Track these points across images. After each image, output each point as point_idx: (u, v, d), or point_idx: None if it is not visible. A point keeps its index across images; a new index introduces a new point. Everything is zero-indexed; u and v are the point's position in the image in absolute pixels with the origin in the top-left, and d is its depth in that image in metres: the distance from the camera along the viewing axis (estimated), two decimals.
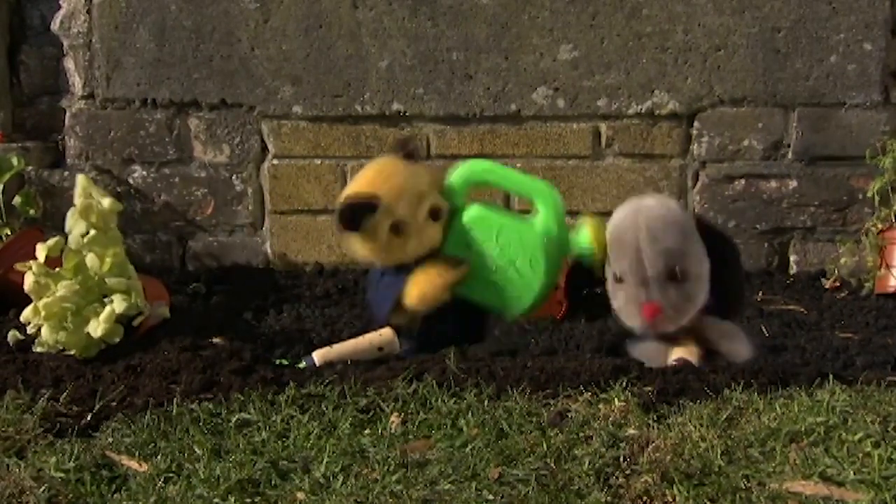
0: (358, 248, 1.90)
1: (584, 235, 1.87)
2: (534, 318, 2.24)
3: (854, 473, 1.30)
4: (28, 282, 1.86)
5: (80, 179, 1.93)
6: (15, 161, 2.53)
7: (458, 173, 1.96)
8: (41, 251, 1.90)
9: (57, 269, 1.89)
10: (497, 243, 1.88)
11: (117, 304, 1.84)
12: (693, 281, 1.77)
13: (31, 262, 1.89)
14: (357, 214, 1.84)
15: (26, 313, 1.86)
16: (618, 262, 1.79)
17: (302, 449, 1.46)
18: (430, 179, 1.92)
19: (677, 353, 1.79)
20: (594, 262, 1.86)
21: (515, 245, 1.87)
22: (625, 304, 1.80)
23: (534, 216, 1.92)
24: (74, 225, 1.89)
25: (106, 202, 1.89)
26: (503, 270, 1.88)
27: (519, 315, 1.95)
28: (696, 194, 2.67)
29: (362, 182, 1.91)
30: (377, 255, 1.89)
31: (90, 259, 1.87)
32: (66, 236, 1.96)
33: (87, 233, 1.88)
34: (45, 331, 1.84)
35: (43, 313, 1.83)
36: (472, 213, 1.91)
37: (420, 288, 1.85)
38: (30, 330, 1.88)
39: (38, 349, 1.88)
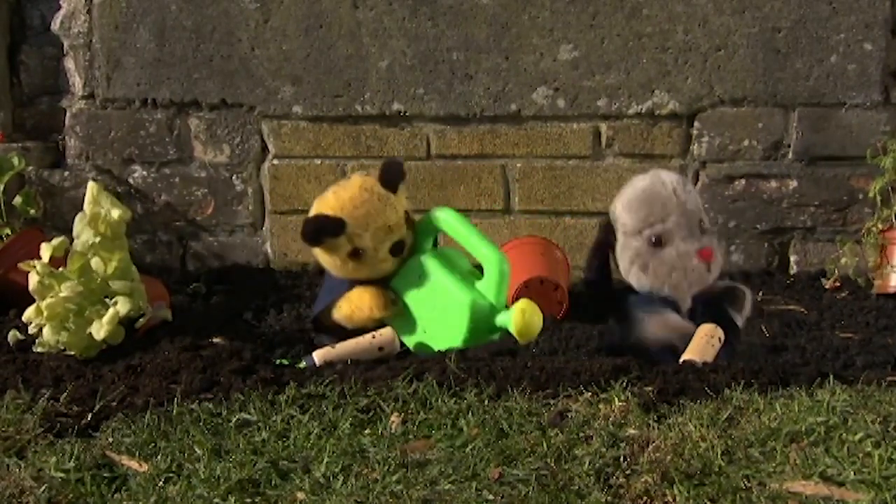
0: (317, 255, 1.98)
1: (514, 319, 1.84)
2: None
3: (854, 473, 1.30)
4: (32, 281, 1.86)
5: (91, 187, 1.92)
6: (16, 161, 2.53)
7: (424, 217, 2.01)
8: (45, 251, 1.90)
9: (60, 269, 1.89)
10: (429, 298, 1.93)
11: (121, 306, 1.84)
12: (715, 234, 1.87)
13: (35, 262, 1.88)
14: (320, 234, 1.92)
15: (29, 313, 1.86)
16: (657, 224, 1.82)
17: (302, 449, 1.46)
18: (401, 213, 1.96)
19: (702, 335, 1.83)
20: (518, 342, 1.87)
21: (442, 307, 1.91)
22: (675, 259, 1.81)
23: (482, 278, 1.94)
24: (82, 231, 1.89)
25: (115, 213, 1.89)
26: (427, 323, 1.93)
27: None
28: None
29: (334, 203, 1.95)
30: (331, 268, 1.98)
31: (95, 262, 1.86)
32: (67, 236, 1.96)
33: (94, 241, 1.88)
34: (46, 331, 1.84)
35: (45, 313, 1.83)
36: (423, 260, 1.95)
37: (350, 308, 1.94)
38: (31, 330, 1.88)
39: (39, 349, 1.88)
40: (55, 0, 2.77)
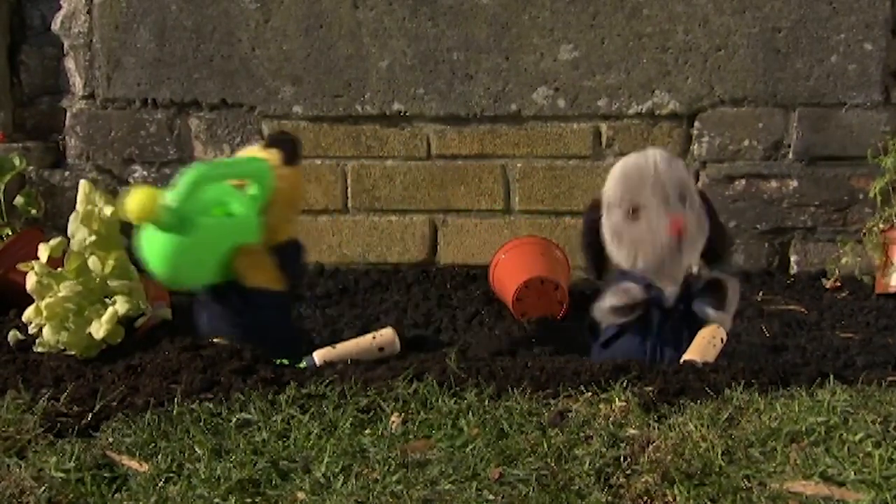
0: None
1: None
2: (533, 318, 2.26)
3: (855, 473, 1.30)
4: (30, 282, 1.86)
5: (83, 185, 1.91)
6: (17, 161, 2.53)
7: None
8: (43, 251, 1.90)
9: (59, 269, 1.89)
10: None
11: (120, 306, 1.84)
12: (697, 212, 1.82)
13: (33, 262, 1.88)
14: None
15: (28, 313, 1.86)
16: (636, 195, 1.81)
17: (302, 449, 1.46)
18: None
19: (703, 335, 1.82)
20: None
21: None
22: (646, 231, 1.80)
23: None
24: (76, 231, 1.88)
25: (108, 210, 1.88)
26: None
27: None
28: None
29: None
30: None
31: (92, 262, 1.86)
32: (67, 237, 1.96)
33: (89, 239, 1.88)
34: (46, 331, 1.84)
35: (45, 313, 1.83)
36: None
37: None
38: (31, 330, 1.88)
39: (39, 349, 1.88)
40: (55, 0, 2.77)
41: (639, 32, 2.62)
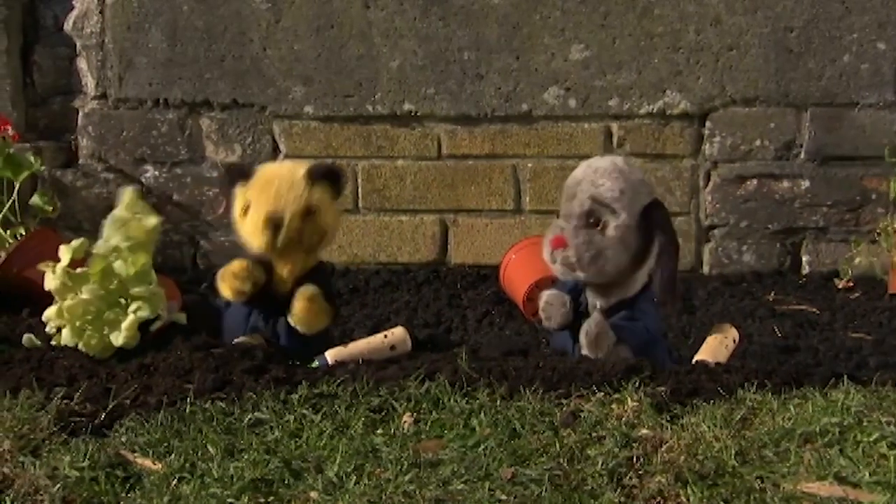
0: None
1: None
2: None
3: (869, 475, 1.29)
4: (52, 282, 1.86)
5: (129, 193, 1.91)
6: (32, 161, 2.54)
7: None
8: (65, 253, 1.90)
9: (79, 270, 1.89)
10: None
11: (141, 312, 1.84)
12: (609, 239, 1.75)
13: (53, 263, 1.89)
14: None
15: (49, 313, 1.87)
16: (562, 207, 1.80)
17: (315, 448, 1.46)
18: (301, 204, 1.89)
19: (715, 335, 1.80)
20: None
21: None
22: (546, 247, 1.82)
23: None
24: (111, 235, 1.88)
25: (150, 221, 1.88)
26: None
27: None
28: (708, 194, 2.66)
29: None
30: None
31: (119, 265, 1.86)
32: (79, 236, 1.96)
33: (123, 245, 1.88)
34: (66, 332, 1.85)
35: (67, 316, 1.83)
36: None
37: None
38: (49, 330, 1.89)
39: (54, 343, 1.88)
40: (68, 1, 2.79)
41: (650, 32, 2.61)
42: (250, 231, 1.88)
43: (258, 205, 1.86)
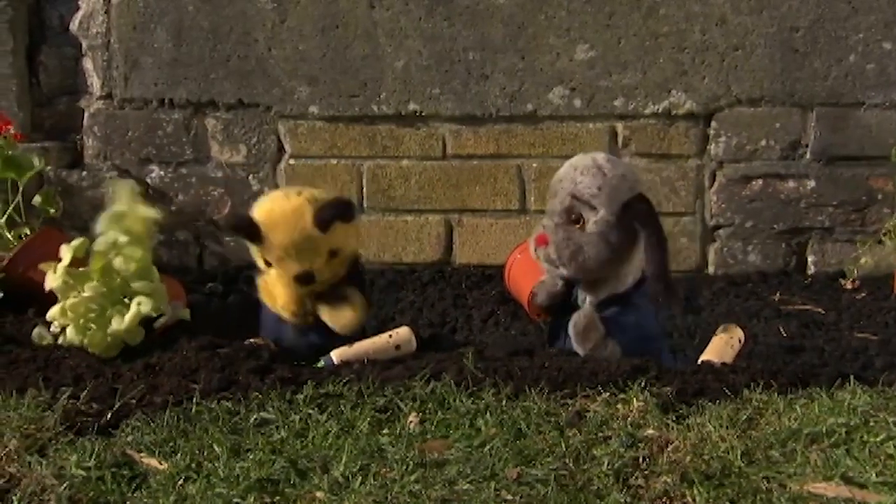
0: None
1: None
2: (549, 318, 2.25)
3: (876, 475, 1.29)
4: (55, 281, 1.87)
5: (124, 186, 1.92)
6: (36, 161, 2.54)
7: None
8: (66, 252, 1.91)
9: (81, 269, 1.89)
10: None
11: (144, 306, 1.85)
12: (588, 235, 1.76)
13: (56, 262, 1.89)
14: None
15: (53, 312, 1.87)
16: (549, 203, 1.83)
17: (320, 448, 1.47)
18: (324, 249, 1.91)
19: (721, 335, 1.80)
20: None
21: None
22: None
23: None
24: (107, 230, 1.89)
25: (146, 212, 1.89)
26: None
27: None
28: (714, 194, 2.66)
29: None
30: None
31: (118, 262, 1.87)
32: (85, 235, 1.96)
33: (120, 240, 1.88)
34: (70, 331, 1.85)
35: (70, 314, 1.84)
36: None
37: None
38: (53, 329, 1.89)
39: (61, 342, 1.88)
40: (74, 1, 2.79)
41: (655, 32, 2.61)
42: (280, 293, 1.92)
43: (282, 268, 1.89)
